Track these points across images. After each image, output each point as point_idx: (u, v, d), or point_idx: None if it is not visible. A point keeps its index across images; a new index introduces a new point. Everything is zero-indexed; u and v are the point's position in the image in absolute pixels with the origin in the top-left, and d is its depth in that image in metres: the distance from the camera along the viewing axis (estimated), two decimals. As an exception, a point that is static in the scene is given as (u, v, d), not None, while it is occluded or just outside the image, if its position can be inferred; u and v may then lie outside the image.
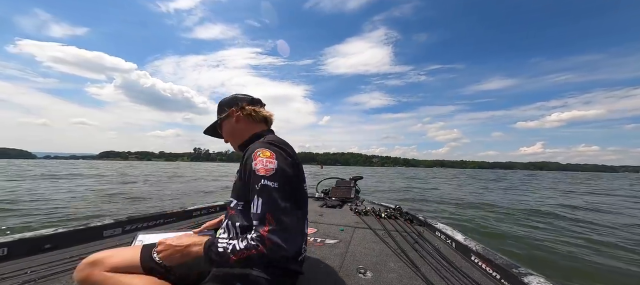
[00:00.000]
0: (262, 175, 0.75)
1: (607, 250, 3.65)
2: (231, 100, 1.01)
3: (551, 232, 4.57)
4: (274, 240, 0.68)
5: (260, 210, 0.72)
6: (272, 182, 0.74)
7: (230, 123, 1.00)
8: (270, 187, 0.74)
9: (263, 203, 0.72)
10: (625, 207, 7.81)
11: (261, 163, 0.77)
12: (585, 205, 8.03)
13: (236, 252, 0.69)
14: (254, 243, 0.69)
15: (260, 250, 0.68)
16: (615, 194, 12.49)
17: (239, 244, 0.70)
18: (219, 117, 1.02)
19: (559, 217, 5.85)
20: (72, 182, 11.20)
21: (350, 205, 2.93)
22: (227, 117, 1.00)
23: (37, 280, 1.03)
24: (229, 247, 0.70)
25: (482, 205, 7.37)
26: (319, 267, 1.30)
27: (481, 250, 1.39)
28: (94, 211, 5.33)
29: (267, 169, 0.76)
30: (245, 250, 0.69)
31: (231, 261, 0.69)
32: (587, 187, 16.24)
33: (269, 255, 0.69)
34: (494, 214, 6.09)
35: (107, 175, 16.66)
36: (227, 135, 1.04)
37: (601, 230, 4.71)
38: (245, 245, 0.69)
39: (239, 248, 0.69)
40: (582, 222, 5.40)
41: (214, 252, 0.71)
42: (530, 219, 5.53)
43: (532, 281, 1.02)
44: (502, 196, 10.29)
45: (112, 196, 7.32)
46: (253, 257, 0.69)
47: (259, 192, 0.73)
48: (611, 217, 6.13)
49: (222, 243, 0.72)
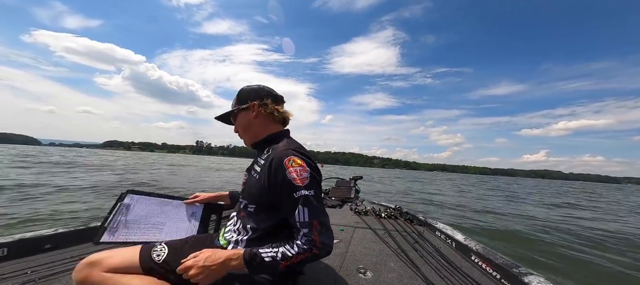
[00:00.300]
0: (300, 185, 0.78)
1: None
2: (255, 92, 0.95)
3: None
4: (325, 242, 0.78)
5: (307, 218, 0.77)
6: (310, 191, 0.79)
7: (248, 116, 0.94)
8: (310, 195, 0.78)
9: (308, 212, 0.77)
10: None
11: (296, 172, 0.79)
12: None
13: (288, 259, 0.75)
14: (307, 247, 0.76)
15: (313, 252, 0.77)
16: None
17: (289, 250, 0.76)
18: (237, 106, 0.94)
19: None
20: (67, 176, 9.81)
21: (350, 205, 2.93)
22: (246, 109, 0.94)
23: (37, 281, 1.03)
24: (279, 256, 0.75)
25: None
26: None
27: (481, 250, 1.40)
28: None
29: (303, 179, 0.79)
30: (299, 255, 0.75)
31: (281, 267, 0.75)
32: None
33: (319, 255, 0.78)
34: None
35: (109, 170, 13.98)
36: (241, 128, 0.97)
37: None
38: (298, 250, 0.75)
39: (291, 254, 0.75)
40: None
41: (258, 263, 0.74)
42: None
43: (532, 281, 1.03)
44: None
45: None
46: (306, 260, 0.77)
47: (301, 202, 0.77)
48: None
49: (268, 252, 0.75)
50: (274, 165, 0.81)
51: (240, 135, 1.00)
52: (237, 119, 0.97)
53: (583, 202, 12.43)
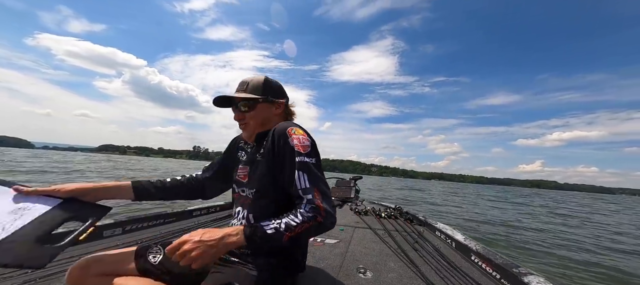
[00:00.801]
0: (301, 152, 0.78)
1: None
2: (282, 89, 0.95)
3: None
4: (328, 209, 0.73)
5: (308, 183, 0.74)
6: (311, 158, 0.78)
7: (271, 111, 0.92)
8: (310, 163, 0.77)
9: (309, 178, 0.75)
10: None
11: (298, 140, 0.80)
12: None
13: (292, 229, 0.69)
14: (311, 214, 0.71)
15: (318, 221, 0.71)
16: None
17: (293, 220, 0.70)
18: (263, 96, 0.89)
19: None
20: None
21: (350, 205, 2.94)
22: (272, 104, 0.92)
23: (37, 280, 1.03)
24: (282, 226, 0.69)
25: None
26: (319, 267, 1.30)
27: (481, 250, 1.40)
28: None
29: (304, 146, 0.79)
30: (303, 224, 0.69)
31: (285, 239, 0.68)
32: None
33: (325, 224, 0.72)
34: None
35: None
36: (257, 118, 0.90)
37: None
38: (302, 219, 0.70)
39: (295, 223, 0.69)
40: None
41: (260, 236, 0.67)
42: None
43: (532, 281, 1.02)
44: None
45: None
46: (311, 229, 0.71)
47: (300, 167, 0.76)
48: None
49: (271, 224, 0.69)
50: (277, 134, 0.82)
51: (245, 122, 0.91)
52: (257, 108, 0.90)
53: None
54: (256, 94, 0.89)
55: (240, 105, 0.90)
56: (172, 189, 0.99)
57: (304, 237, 0.73)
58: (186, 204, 2.44)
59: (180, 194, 1.03)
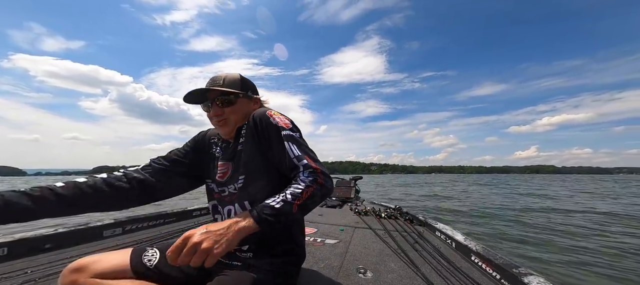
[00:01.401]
0: (285, 127, 0.81)
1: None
2: (254, 85, 0.94)
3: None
4: (324, 170, 0.75)
5: (298, 151, 0.77)
6: (295, 132, 0.82)
7: (250, 106, 0.91)
8: (295, 135, 0.81)
9: (297, 147, 0.78)
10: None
11: (280, 119, 0.83)
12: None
13: (298, 195, 0.68)
14: (311, 178, 0.72)
15: (319, 182, 0.72)
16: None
17: (296, 188, 0.70)
18: (242, 92, 0.87)
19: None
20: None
21: (350, 205, 2.93)
22: (251, 99, 0.91)
23: (37, 280, 1.02)
24: (288, 197, 0.67)
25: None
26: (319, 267, 1.29)
27: (481, 250, 1.39)
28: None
29: (286, 123, 0.82)
30: (307, 188, 0.69)
31: (294, 209, 0.67)
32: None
33: (326, 186, 0.74)
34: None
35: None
36: (237, 113, 0.87)
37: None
38: (304, 185, 0.70)
39: (299, 190, 0.69)
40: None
41: (269, 213, 0.64)
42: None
43: (532, 281, 1.02)
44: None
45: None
46: (316, 193, 0.71)
47: (287, 139, 0.78)
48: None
49: (276, 198, 0.67)
50: (258, 118, 0.83)
51: (224, 118, 0.86)
52: (237, 103, 0.87)
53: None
54: (235, 89, 0.86)
55: (217, 101, 0.85)
56: (82, 197, 0.72)
57: (311, 204, 0.71)
58: (186, 204, 2.42)
59: (102, 203, 0.76)
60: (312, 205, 0.73)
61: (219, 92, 0.84)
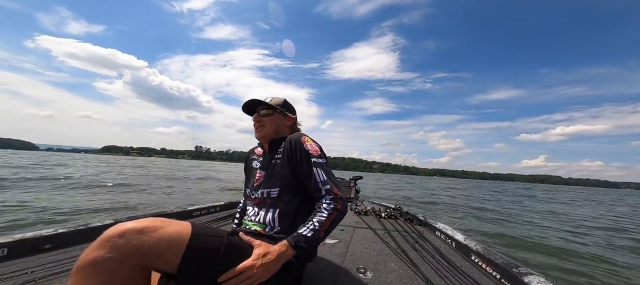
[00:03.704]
0: (315, 154, 0.98)
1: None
2: (293, 110, 1.20)
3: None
4: (344, 198, 0.93)
5: (325, 177, 0.94)
6: (323, 159, 0.99)
7: (283, 122, 1.15)
8: (323, 162, 0.98)
9: (324, 172, 0.95)
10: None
11: (311, 146, 1.01)
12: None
13: (324, 223, 0.85)
14: (333, 205, 0.89)
15: (338, 209, 0.89)
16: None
17: (321, 216, 0.86)
18: (281, 109, 1.14)
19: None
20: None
21: (350, 205, 2.93)
22: (285, 116, 1.15)
23: (37, 281, 1.03)
24: (316, 225, 0.84)
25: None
26: (319, 267, 1.30)
27: (481, 250, 1.39)
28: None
29: (315, 150, 1.00)
30: (330, 216, 0.86)
31: (322, 235, 0.84)
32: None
33: (343, 212, 0.91)
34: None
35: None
36: (272, 124, 1.11)
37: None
38: (327, 213, 0.87)
39: (324, 218, 0.86)
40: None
41: (304, 241, 0.81)
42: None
43: (532, 281, 1.02)
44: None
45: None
46: (336, 218, 0.88)
47: (316, 165, 0.96)
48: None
49: (307, 228, 0.84)
50: (293, 142, 1.02)
51: (260, 125, 1.11)
52: (274, 115, 1.12)
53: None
54: (275, 105, 1.13)
55: (261, 111, 1.12)
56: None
57: (333, 228, 0.88)
58: (186, 204, 2.45)
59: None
60: (334, 227, 0.90)
61: (262, 104, 1.11)
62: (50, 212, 4.91)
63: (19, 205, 5.24)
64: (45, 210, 4.97)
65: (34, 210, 4.93)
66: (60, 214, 4.83)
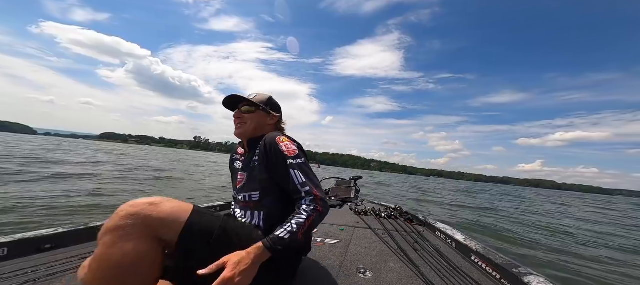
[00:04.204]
0: (291, 155, 0.92)
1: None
2: (279, 108, 1.15)
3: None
4: (324, 199, 0.88)
5: (302, 178, 0.89)
6: (300, 159, 0.93)
7: (266, 120, 1.09)
8: (300, 162, 0.92)
9: (301, 173, 0.90)
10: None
11: (286, 146, 0.94)
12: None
13: (302, 225, 0.81)
14: (312, 206, 0.85)
15: (318, 211, 0.85)
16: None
17: (299, 218, 0.82)
18: (263, 105, 1.08)
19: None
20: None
21: (350, 205, 2.93)
22: (268, 114, 1.10)
23: (37, 281, 1.03)
24: (294, 227, 0.80)
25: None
26: (319, 267, 1.30)
27: (481, 250, 1.40)
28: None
29: (291, 151, 0.94)
30: (309, 217, 0.83)
31: (300, 237, 0.80)
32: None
33: (324, 213, 0.87)
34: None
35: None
36: (253, 122, 1.06)
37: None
38: (306, 214, 0.83)
39: (302, 220, 0.82)
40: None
41: (281, 243, 0.78)
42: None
43: (532, 281, 1.03)
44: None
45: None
46: (315, 220, 0.84)
47: (293, 167, 0.90)
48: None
49: (284, 230, 0.80)
50: (268, 144, 0.95)
51: (241, 123, 1.06)
52: (255, 113, 1.07)
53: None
54: (259, 103, 1.08)
55: (242, 107, 1.07)
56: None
57: (312, 230, 0.86)
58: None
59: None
60: (313, 229, 0.88)
61: (245, 100, 1.06)
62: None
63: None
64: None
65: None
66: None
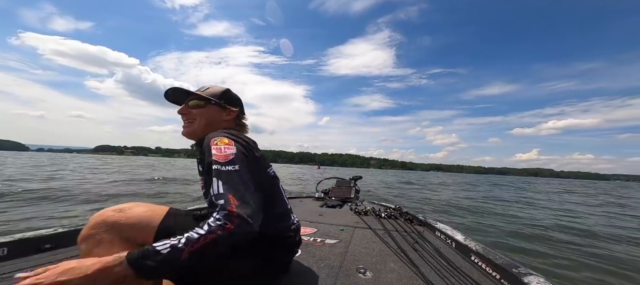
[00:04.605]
0: (218, 161, 0.74)
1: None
2: (238, 102, 1.01)
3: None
4: (243, 216, 0.64)
5: (221, 189, 0.68)
6: (232, 166, 0.74)
7: (221, 116, 0.95)
8: (230, 170, 0.73)
9: (223, 185, 0.69)
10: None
11: (219, 150, 0.77)
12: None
13: (193, 242, 0.59)
14: (220, 222, 0.62)
15: (228, 229, 0.62)
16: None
17: (196, 232, 0.61)
18: (215, 99, 0.93)
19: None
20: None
21: (350, 205, 2.93)
22: (222, 107, 0.95)
23: None
24: (181, 243, 0.59)
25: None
26: (319, 267, 1.30)
27: (481, 250, 1.40)
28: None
29: (225, 155, 0.76)
30: (209, 234, 0.61)
31: (184, 257, 0.58)
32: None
33: (237, 233, 0.63)
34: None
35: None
36: (204, 118, 0.92)
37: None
38: (208, 228, 0.61)
39: (197, 235, 0.60)
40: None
41: (153, 259, 0.56)
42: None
43: (532, 281, 1.03)
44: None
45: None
46: (218, 240, 0.61)
47: (217, 173, 0.71)
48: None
49: (168, 242, 0.59)
50: (205, 145, 0.81)
51: (190, 118, 0.93)
52: (205, 108, 0.93)
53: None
54: (212, 98, 0.94)
55: (190, 102, 0.94)
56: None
57: (210, 251, 0.61)
58: (185, 204, 2.42)
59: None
60: (214, 253, 0.63)
61: (192, 94, 0.92)
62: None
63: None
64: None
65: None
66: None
